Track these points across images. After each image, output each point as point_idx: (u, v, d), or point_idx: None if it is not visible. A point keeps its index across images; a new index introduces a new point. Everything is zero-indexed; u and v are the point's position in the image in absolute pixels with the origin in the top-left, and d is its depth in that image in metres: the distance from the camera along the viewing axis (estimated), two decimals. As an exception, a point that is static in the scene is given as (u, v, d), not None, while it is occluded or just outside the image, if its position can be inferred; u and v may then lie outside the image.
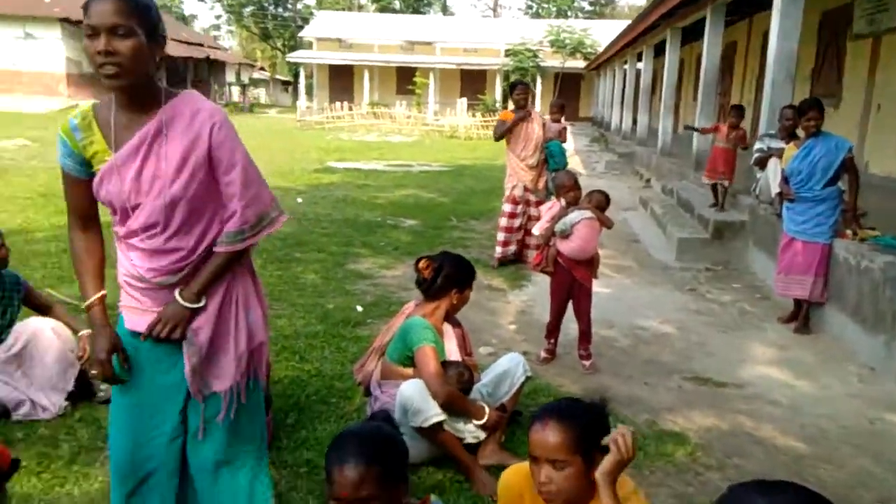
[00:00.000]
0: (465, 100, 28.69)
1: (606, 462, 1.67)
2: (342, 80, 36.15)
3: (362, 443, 1.61)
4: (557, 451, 1.68)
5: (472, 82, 34.81)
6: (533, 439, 1.73)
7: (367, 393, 3.15)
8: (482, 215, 9.11)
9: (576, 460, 1.69)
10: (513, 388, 3.04)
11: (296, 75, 42.37)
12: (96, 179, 1.86)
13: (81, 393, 3.31)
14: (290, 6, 54.82)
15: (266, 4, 54.16)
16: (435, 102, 32.84)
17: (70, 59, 27.17)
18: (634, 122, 18.28)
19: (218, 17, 66.57)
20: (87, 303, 1.93)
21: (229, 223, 1.91)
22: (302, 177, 12.33)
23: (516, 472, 1.87)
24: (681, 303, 5.67)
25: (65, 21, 26.20)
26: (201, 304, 1.93)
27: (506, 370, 3.06)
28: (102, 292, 1.95)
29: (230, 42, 65.16)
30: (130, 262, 1.92)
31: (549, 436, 1.69)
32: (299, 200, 9.71)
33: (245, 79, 44.12)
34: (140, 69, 1.76)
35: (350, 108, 28.13)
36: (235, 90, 41.61)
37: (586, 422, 1.73)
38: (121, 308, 1.99)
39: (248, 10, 53.44)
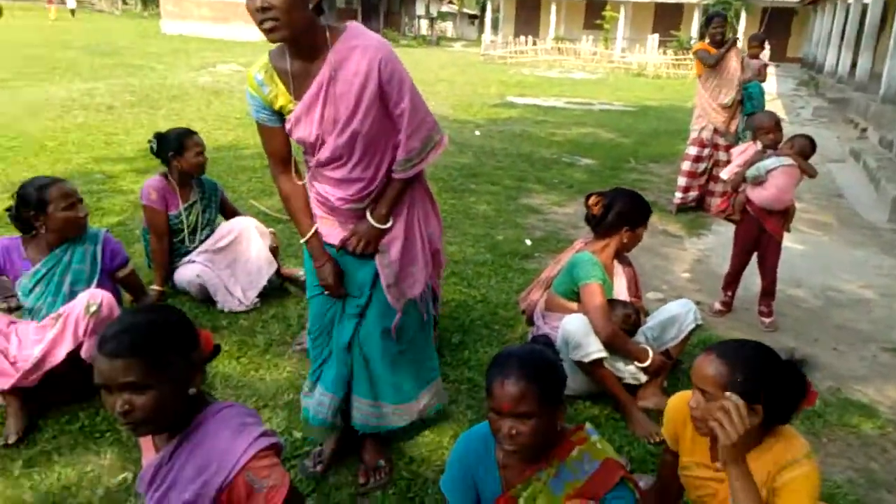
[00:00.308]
0: (656, 36, 26.87)
1: (721, 450, 1.57)
2: (528, 14, 35.37)
3: (523, 362, 1.64)
4: (706, 383, 1.63)
5: (666, 17, 32.45)
6: (693, 367, 1.70)
7: (531, 322, 3.20)
8: (663, 158, 8.63)
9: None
10: (680, 335, 2.92)
11: (483, 8, 42.14)
12: (288, 126, 2.03)
13: (272, 291, 3.71)
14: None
15: (458, -65, 53.89)
16: (623, 38, 31.13)
17: (277, -9, 29.07)
18: (853, 64, 16.10)
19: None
20: (306, 238, 2.16)
21: (399, 151, 2.02)
22: (481, 111, 12.40)
23: (685, 398, 1.82)
24: (888, 268, 5.05)
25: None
26: (389, 224, 2.11)
27: (675, 315, 2.93)
28: (316, 226, 2.16)
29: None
30: (323, 190, 2.10)
31: (705, 367, 1.65)
32: (477, 133, 9.81)
33: (434, 12, 44.69)
34: (296, 19, 1.79)
35: (534, 43, 27.54)
36: (424, 23, 42.35)
37: (752, 366, 1.63)
38: (317, 220, 2.18)
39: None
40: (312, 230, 2.14)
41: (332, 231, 2.15)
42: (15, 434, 2.38)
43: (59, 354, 2.40)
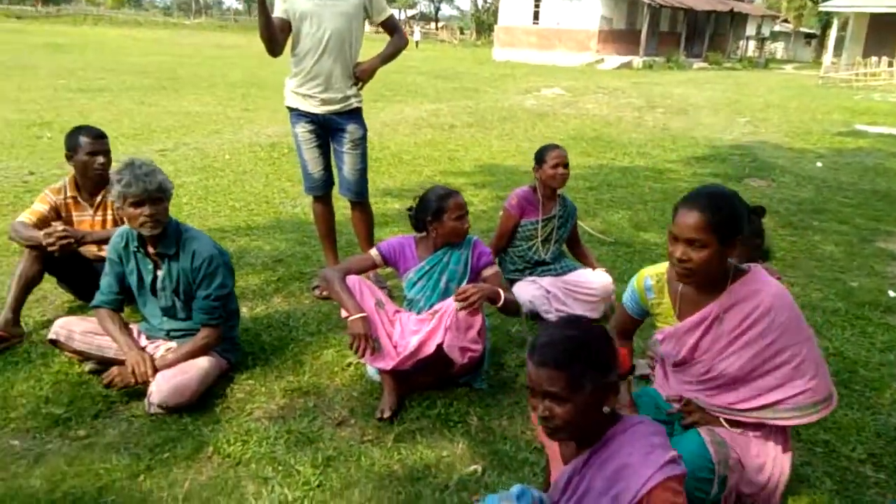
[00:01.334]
0: None
1: None
2: (883, 32, 30.61)
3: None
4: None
5: None
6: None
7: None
8: None
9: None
10: None
11: (825, 27, 37.72)
12: (659, 336, 2.18)
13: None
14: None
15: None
16: None
17: (603, 17, 29.66)
18: None
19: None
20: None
21: (800, 397, 1.99)
22: (822, 139, 11.09)
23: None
24: None
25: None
26: None
27: None
28: None
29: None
30: (666, 383, 2.26)
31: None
32: (819, 164, 8.79)
33: (766, 32, 41.31)
34: (714, 267, 1.93)
35: (890, 65, 23.79)
36: (752, 44, 39.40)
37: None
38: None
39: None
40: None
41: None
42: (389, 410, 2.75)
43: (431, 346, 2.72)
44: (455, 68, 24.12)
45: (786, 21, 51.49)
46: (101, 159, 3.41)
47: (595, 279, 3.77)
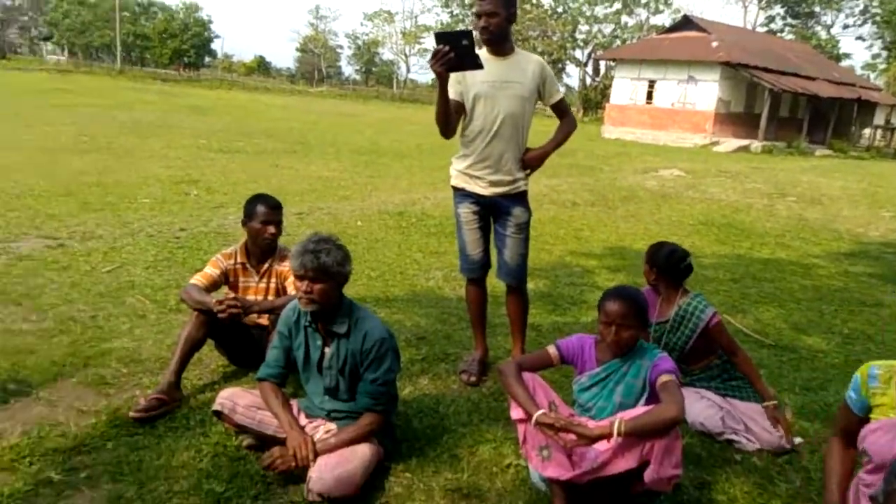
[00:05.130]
0: None
1: None
2: None
3: None
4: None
5: None
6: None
7: None
8: None
9: None
10: None
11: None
12: (874, 425, 2.09)
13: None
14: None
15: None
16: None
17: (720, 100, 29.12)
18: None
19: (875, 56, 60.65)
20: None
21: None
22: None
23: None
24: None
25: (724, 64, 28.19)
26: None
27: None
28: None
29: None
30: None
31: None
32: None
33: (895, 121, 39.17)
34: None
35: None
36: (878, 133, 37.36)
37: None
38: None
39: None
40: None
41: None
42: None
43: (619, 467, 2.44)
44: (567, 145, 24.12)
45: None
46: (272, 229, 3.46)
47: (766, 433, 3.25)
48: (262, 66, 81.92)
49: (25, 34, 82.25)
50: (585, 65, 56.36)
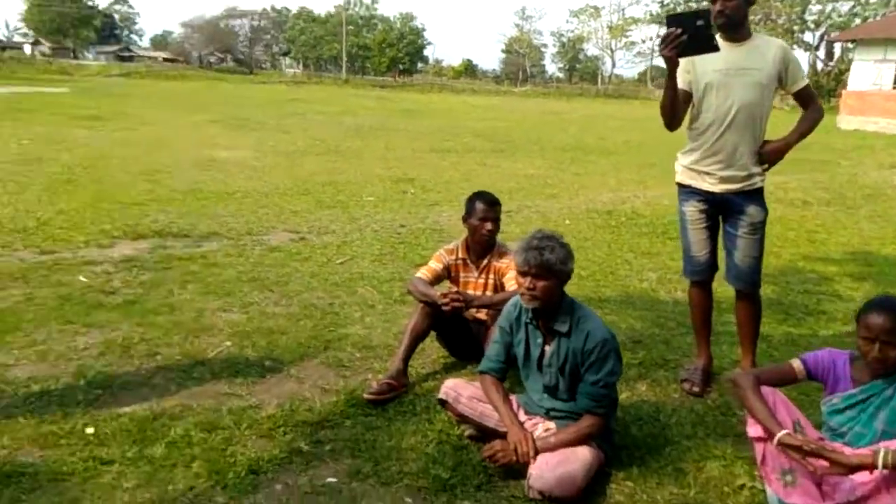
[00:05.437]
0: None
1: None
2: None
3: None
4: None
5: None
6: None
7: None
8: None
9: None
10: None
11: None
12: None
13: None
14: None
15: None
16: None
17: None
18: None
19: None
20: None
21: None
22: None
23: None
24: None
25: None
26: None
27: None
28: None
29: None
30: None
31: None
32: None
33: None
34: None
35: None
36: None
37: None
38: None
39: None
40: None
41: None
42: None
43: (883, 501, 2.15)
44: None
45: None
46: (489, 226, 3.54)
47: None
48: (469, 69, 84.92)
49: (268, 51, 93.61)
50: (817, 48, 50.77)
